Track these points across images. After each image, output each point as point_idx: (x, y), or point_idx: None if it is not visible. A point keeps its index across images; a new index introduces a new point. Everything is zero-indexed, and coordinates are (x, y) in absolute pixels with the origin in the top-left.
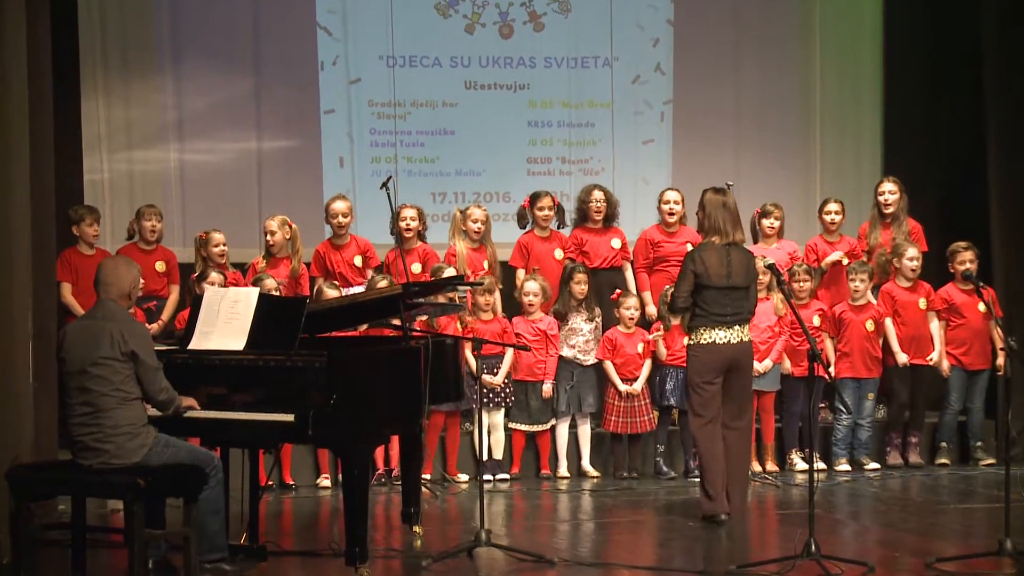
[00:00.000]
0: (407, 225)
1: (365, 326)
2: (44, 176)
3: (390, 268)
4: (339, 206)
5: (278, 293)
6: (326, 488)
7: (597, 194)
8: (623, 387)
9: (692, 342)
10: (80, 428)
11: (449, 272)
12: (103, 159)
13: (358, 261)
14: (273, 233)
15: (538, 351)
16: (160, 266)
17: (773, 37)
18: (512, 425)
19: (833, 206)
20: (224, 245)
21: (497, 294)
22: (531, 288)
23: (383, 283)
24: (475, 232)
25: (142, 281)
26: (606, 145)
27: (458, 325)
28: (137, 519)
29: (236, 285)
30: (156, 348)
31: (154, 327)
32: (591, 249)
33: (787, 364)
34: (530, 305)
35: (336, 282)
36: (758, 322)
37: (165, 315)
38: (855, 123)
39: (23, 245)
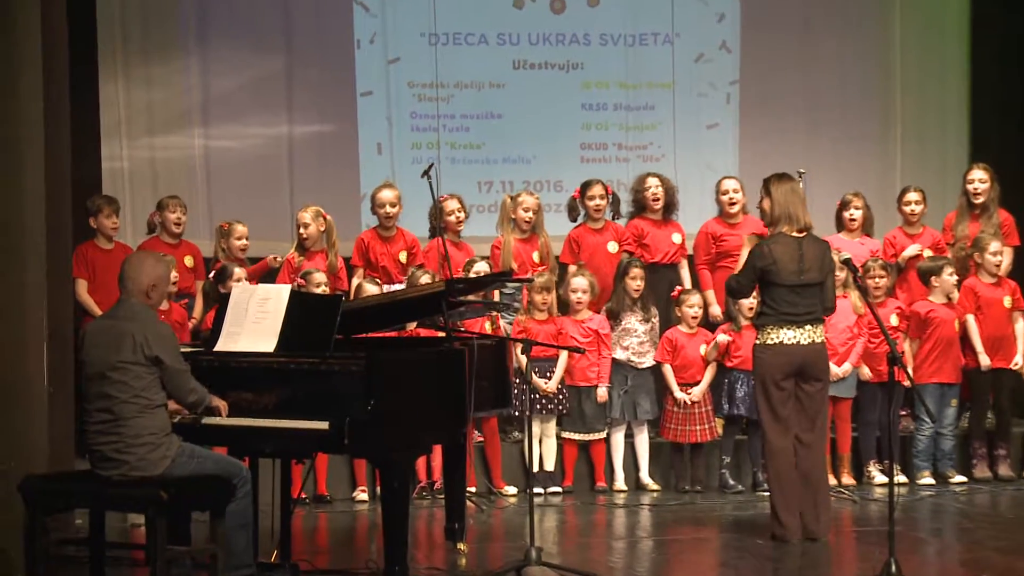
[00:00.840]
0: (454, 218)
1: (413, 325)
2: (60, 164)
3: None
4: (387, 195)
5: (327, 289)
6: (363, 502)
7: (652, 181)
8: (679, 394)
9: (759, 342)
10: (99, 437)
11: (481, 267)
12: (122, 146)
13: (403, 257)
14: (307, 225)
15: (590, 353)
16: (188, 261)
17: (849, 11)
18: (564, 434)
19: (913, 195)
20: (247, 239)
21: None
22: (579, 284)
23: (425, 279)
24: (525, 221)
25: (176, 276)
26: (666, 129)
27: (488, 325)
28: (159, 534)
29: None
30: (181, 350)
31: (190, 324)
32: (652, 242)
33: (864, 369)
34: (578, 303)
35: (377, 278)
36: (836, 322)
37: (197, 313)
38: (939, 105)
39: (37, 239)
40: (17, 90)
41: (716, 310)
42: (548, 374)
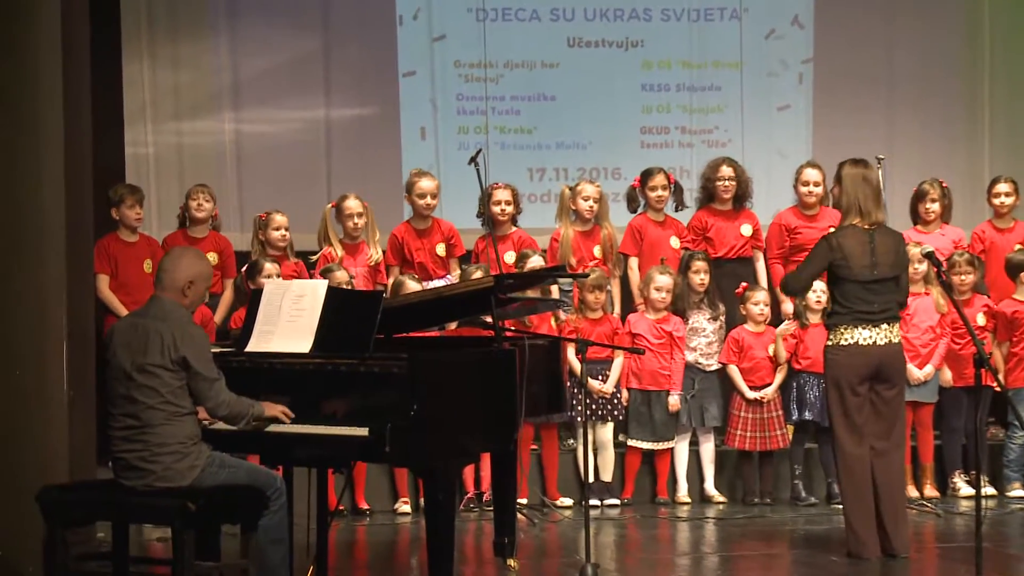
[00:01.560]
0: (501, 209)
1: (454, 325)
2: (80, 151)
3: (479, 258)
4: (426, 185)
5: (349, 287)
6: (406, 514)
7: (726, 170)
8: (750, 394)
9: (831, 343)
10: (123, 444)
11: (535, 261)
12: (147, 131)
13: (441, 250)
14: (361, 215)
15: (663, 355)
16: (213, 257)
17: None
18: (632, 442)
19: (1003, 187)
20: (286, 230)
21: (616, 289)
22: (663, 283)
23: (479, 275)
24: (587, 211)
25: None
26: (734, 112)
27: (552, 322)
28: (187, 549)
29: (298, 277)
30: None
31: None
32: (716, 236)
33: (946, 372)
34: (661, 302)
35: (415, 273)
36: (918, 321)
37: (218, 316)
38: None
39: (56, 231)
40: (35, 71)
41: (789, 307)
42: (602, 377)
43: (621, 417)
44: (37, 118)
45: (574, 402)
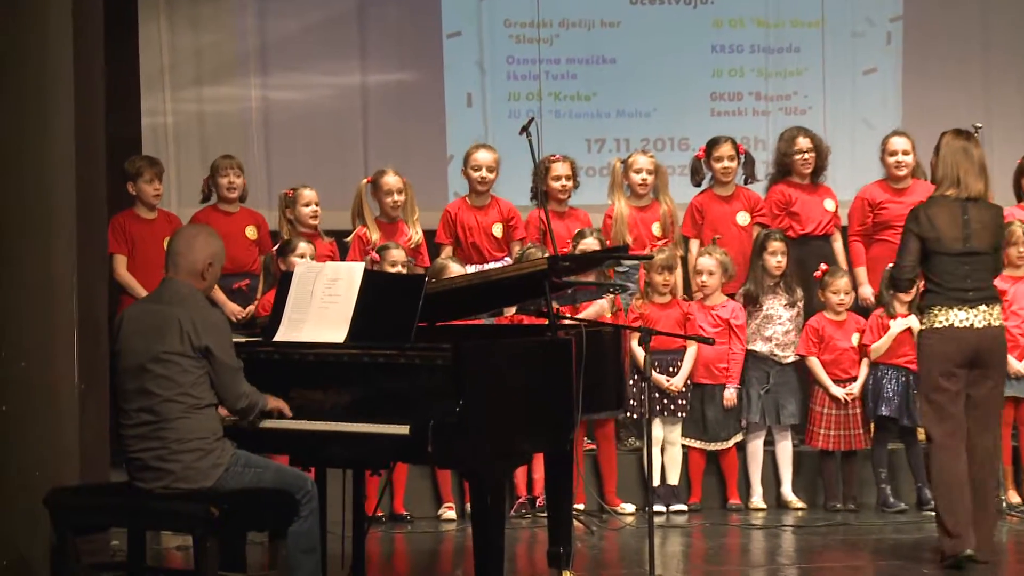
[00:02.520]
0: (561, 184)
1: (512, 311)
2: (92, 121)
3: (543, 240)
4: (483, 157)
5: (406, 269)
6: (450, 520)
7: (803, 141)
8: (837, 391)
9: (924, 327)
10: (138, 442)
11: (590, 241)
12: (166, 98)
13: (498, 231)
14: (400, 191)
15: (719, 346)
16: (251, 232)
17: None
18: (686, 442)
19: None
20: (316, 205)
21: (680, 270)
22: (706, 264)
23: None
24: (640, 185)
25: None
26: (814, 76)
27: (609, 308)
28: (210, 558)
29: (331, 260)
30: (234, 340)
31: (250, 309)
32: (802, 210)
33: None
34: (703, 286)
35: (464, 257)
36: (1017, 307)
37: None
38: None
39: (66, 209)
40: (43, 34)
41: (867, 291)
42: (672, 369)
43: (685, 413)
44: (45, 85)
45: (642, 398)
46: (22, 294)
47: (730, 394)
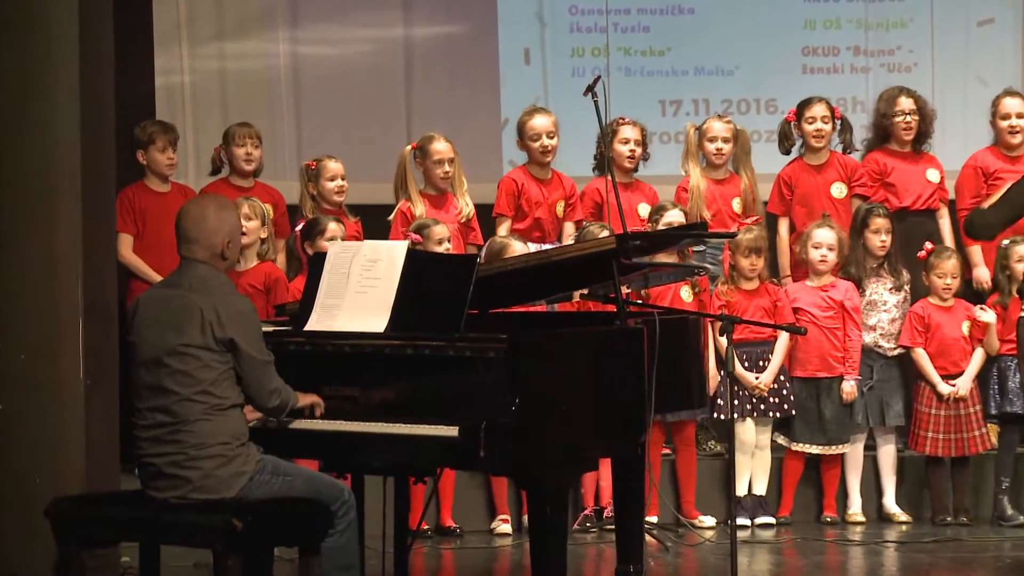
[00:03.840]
0: (631, 150)
1: (578, 295)
2: (100, 82)
3: (598, 215)
4: (541, 123)
5: (451, 247)
6: (505, 535)
7: (905, 102)
8: (943, 387)
9: None
10: (153, 446)
11: (674, 216)
12: (183, 55)
13: (560, 209)
14: (451, 160)
15: (833, 333)
16: (267, 211)
17: None
18: (797, 446)
19: None
20: (343, 179)
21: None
22: (824, 238)
23: (604, 235)
24: (715, 155)
25: (247, 228)
26: (921, 28)
27: (683, 295)
28: None
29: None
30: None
31: None
32: (899, 181)
33: None
34: (822, 262)
35: (524, 234)
36: None
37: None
38: None
39: (70, 183)
40: None
41: (982, 272)
42: (761, 363)
43: (779, 413)
44: (48, 42)
45: (727, 394)
46: (21, 278)
47: (850, 387)
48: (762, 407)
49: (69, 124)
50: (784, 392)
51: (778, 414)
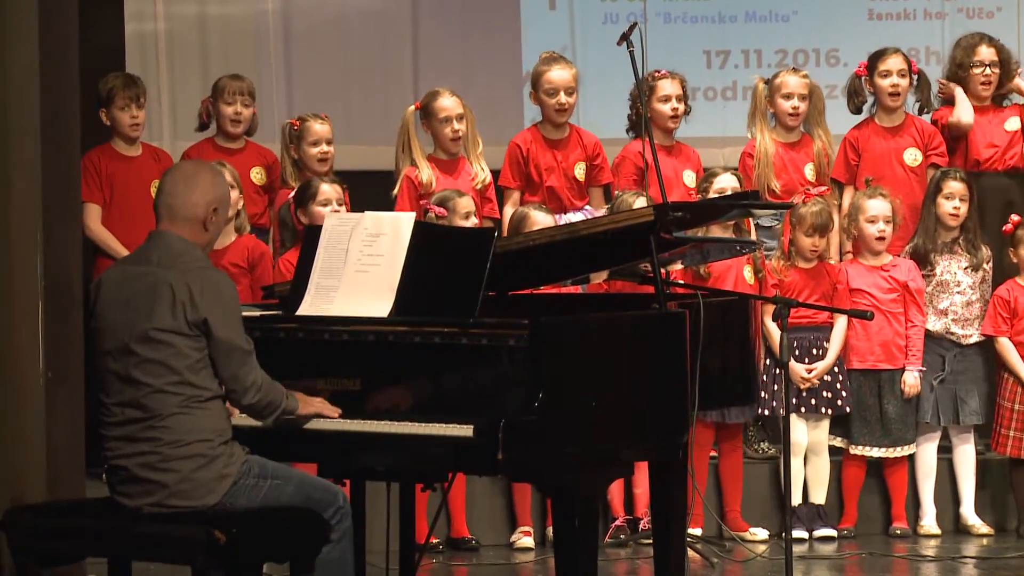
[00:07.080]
0: (672, 107)
1: (600, 278)
2: (61, 28)
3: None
4: (559, 76)
5: (476, 221)
6: (527, 549)
7: (985, 51)
8: None
9: None
10: (123, 446)
11: (726, 181)
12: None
13: (579, 171)
14: (461, 117)
15: (897, 318)
16: (258, 175)
17: None
18: (856, 449)
19: None
20: (328, 144)
21: (837, 225)
22: (880, 209)
23: (640, 203)
24: (791, 115)
25: (237, 198)
26: None
27: (745, 275)
28: None
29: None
30: (246, 314)
31: None
32: (975, 139)
33: None
34: (879, 239)
35: (542, 204)
36: None
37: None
38: None
39: (28, 144)
40: None
41: None
42: (816, 351)
43: (833, 410)
44: None
45: (779, 389)
46: None
47: (913, 380)
48: (812, 402)
49: (26, 78)
50: (837, 386)
51: (831, 410)
